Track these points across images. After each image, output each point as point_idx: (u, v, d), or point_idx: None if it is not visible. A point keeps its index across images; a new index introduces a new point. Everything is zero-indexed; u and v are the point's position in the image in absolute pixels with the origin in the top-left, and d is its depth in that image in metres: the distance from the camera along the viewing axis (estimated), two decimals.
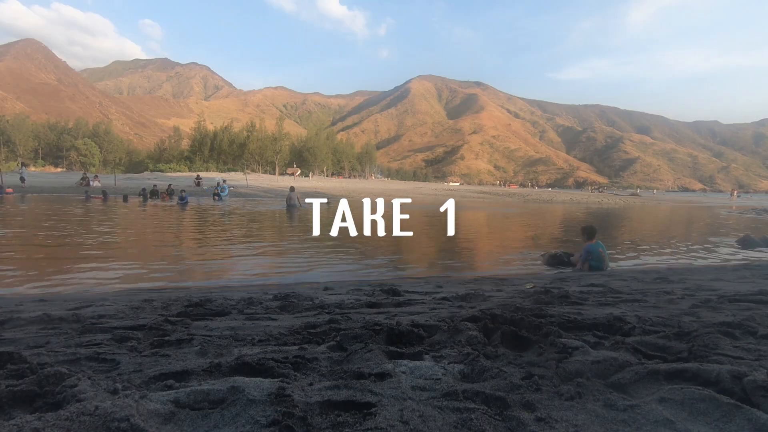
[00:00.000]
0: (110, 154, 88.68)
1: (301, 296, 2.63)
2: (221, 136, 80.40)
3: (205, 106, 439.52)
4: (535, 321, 1.47)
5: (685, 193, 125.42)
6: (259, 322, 1.80)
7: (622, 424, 0.77)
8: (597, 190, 77.69)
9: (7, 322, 1.77)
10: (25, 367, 1.00)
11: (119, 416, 0.72)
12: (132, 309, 2.21)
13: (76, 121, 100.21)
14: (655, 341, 1.34)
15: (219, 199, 24.61)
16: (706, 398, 0.82)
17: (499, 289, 3.11)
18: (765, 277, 4.07)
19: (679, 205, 33.86)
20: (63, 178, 34.14)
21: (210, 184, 31.63)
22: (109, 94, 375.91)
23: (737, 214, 20.51)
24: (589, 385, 0.92)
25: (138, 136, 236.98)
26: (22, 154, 76.05)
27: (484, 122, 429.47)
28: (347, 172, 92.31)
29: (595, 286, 3.14)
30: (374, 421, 0.75)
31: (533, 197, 43.75)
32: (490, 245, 9.44)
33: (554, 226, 14.91)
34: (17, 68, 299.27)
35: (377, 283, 3.52)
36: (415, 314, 1.91)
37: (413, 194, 34.33)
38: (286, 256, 6.13)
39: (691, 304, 2.17)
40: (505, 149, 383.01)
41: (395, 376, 0.99)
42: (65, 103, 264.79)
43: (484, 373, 1.03)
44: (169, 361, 1.18)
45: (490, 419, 0.77)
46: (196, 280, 4.75)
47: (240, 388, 0.87)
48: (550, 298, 2.16)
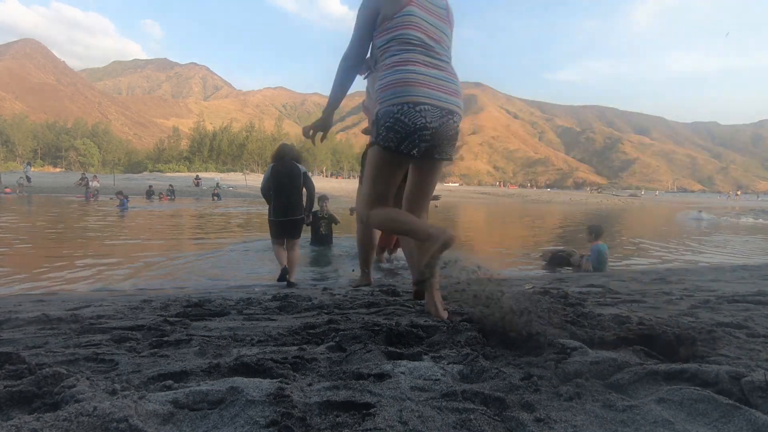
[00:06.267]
0: (109, 154, 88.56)
1: (300, 297, 2.62)
2: (220, 137, 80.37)
3: (205, 106, 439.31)
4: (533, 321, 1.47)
5: (684, 194, 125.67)
6: (258, 322, 1.79)
7: (621, 425, 0.77)
8: (596, 191, 77.82)
9: (6, 322, 1.77)
10: (24, 368, 1.00)
11: (118, 417, 0.72)
12: (131, 309, 2.21)
13: (75, 121, 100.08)
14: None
15: (218, 199, 24.58)
16: (705, 399, 0.83)
17: (498, 290, 3.11)
18: (763, 277, 4.08)
19: (676, 206, 33.96)
20: (62, 178, 34.11)
21: (209, 185, 31.63)
22: (108, 94, 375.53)
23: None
24: (588, 386, 0.93)
25: (137, 136, 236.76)
26: (21, 154, 75.91)
27: (484, 123, 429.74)
28: (346, 173, 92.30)
29: (594, 287, 3.14)
30: (373, 422, 0.75)
31: (532, 198, 43.82)
32: (490, 245, 9.45)
33: (554, 226, 14.94)
34: (16, 68, 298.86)
35: (377, 283, 3.52)
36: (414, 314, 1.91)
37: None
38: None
39: (690, 304, 2.17)
40: (504, 150, 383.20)
41: (394, 376, 0.99)
42: (64, 102, 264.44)
43: (483, 374, 1.03)
44: (168, 362, 1.18)
45: (489, 420, 0.77)
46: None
47: (239, 388, 0.87)
48: (550, 299, 2.16)
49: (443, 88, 1.70)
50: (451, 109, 1.71)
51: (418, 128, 1.62)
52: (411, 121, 1.61)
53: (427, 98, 1.64)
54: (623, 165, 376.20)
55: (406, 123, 1.61)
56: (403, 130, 1.62)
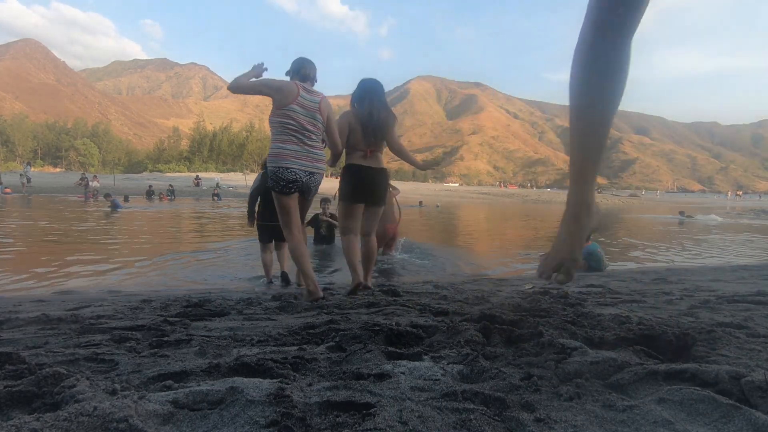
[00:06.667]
0: (109, 154, 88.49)
1: (300, 297, 2.63)
2: (220, 137, 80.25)
3: (205, 106, 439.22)
4: (533, 321, 1.47)
5: (685, 194, 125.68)
6: (258, 322, 1.79)
7: (621, 425, 0.77)
8: (596, 191, 78.00)
9: (6, 322, 1.77)
10: (24, 368, 1.00)
11: (118, 417, 0.72)
12: (131, 309, 2.21)
13: (75, 121, 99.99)
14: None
15: (218, 199, 24.57)
16: (705, 399, 0.83)
17: (498, 290, 3.12)
18: (763, 277, 4.08)
19: (675, 205, 33.96)
20: (62, 179, 34.11)
21: (209, 185, 31.64)
22: (108, 94, 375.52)
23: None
24: (588, 386, 0.92)
25: (137, 136, 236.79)
26: (21, 154, 75.87)
27: (484, 123, 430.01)
28: None
29: (594, 287, 3.14)
30: (373, 422, 0.75)
31: (532, 198, 43.80)
32: (489, 246, 9.45)
33: (554, 226, 14.93)
34: (16, 68, 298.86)
35: (376, 283, 3.52)
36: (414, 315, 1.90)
37: (412, 195, 34.32)
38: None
39: (690, 304, 2.17)
40: (504, 150, 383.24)
41: (394, 376, 0.99)
42: (64, 103, 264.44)
43: (483, 374, 1.03)
44: (168, 362, 1.18)
45: (489, 420, 0.77)
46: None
47: (239, 388, 0.87)
48: (549, 299, 2.16)
49: (307, 158, 2.83)
50: (311, 171, 2.86)
51: (290, 181, 2.79)
52: (284, 177, 2.77)
53: (294, 165, 2.78)
54: (623, 165, 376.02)
55: (282, 178, 2.77)
56: (281, 182, 2.79)
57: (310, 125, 2.79)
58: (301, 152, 2.78)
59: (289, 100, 2.72)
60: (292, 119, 2.73)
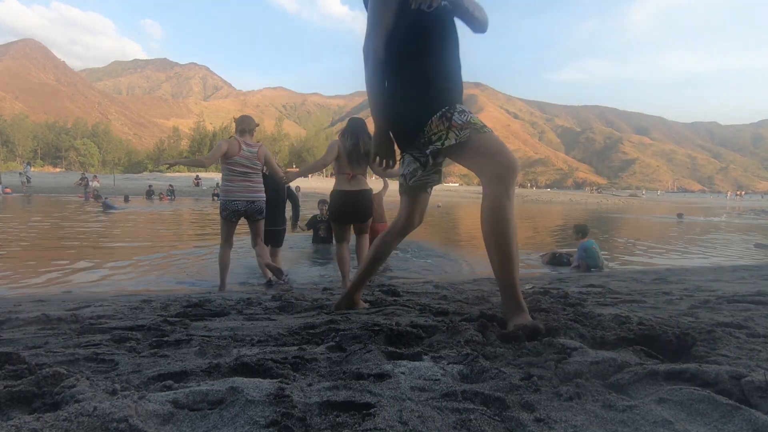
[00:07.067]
0: (109, 154, 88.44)
1: (300, 296, 2.62)
2: (220, 137, 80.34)
3: (204, 106, 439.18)
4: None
5: (685, 194, 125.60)
6: (258, 322, 1.79)
7: (621, 425, 0.77)
8: (596, 191, 77.96)
9: (6, 322, 1.77)
10: (24, 368, 1.00)
11: (118, 417, 0.72)
12: (131, 309, 2.20)
13: (75, 121, 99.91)
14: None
15: (218, 198, 24.56)
16: (705, 399, 0.82)
17: (498, 290, 3.11)
18: (763, 277, 4.08)
19: (675, 205, 33.94)
20: (62, 179, 34.11)
21: (209, 185, 31.62)
22: (108, 94, 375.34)
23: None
24: (588, 386, 0.92)
25: (137, 136, 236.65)
26: (21, 154, 75.82)
27: (484, 123, 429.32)
28: None
29: (594, 287, 3.14)
30: (373, 422, 0.75)
31: (532, 198, 43.77)
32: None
33: (554, 227, 14.93)
34: (16, 68, 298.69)
35: (376, 283, 3.52)
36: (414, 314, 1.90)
37: None
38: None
39: (690, 304, 2.17)
40: None
41: (394, 376, 0.99)
42: (64, 103, 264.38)
43: (483, 374, 1.03)
44: (168, 362, 1.18)
45: (489, 420, 0.77)
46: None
47: (239, 388, 0.87)
48: (550, 299, 2.16)
49: (249, 191, 3.98)
50: (252, 200, 3.99)
51: (233, 211, 3.95)
52: (229, 208, 3.93)
53: (239, 198, 3.93)
54: (623, 165, 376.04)
55: (227, 208, 3.94)
56: (226, 211, 3.96)
57: (249, 168, 3.96)
58: (245, 187, 3.95)
59: (233, 153, 3.88)
60: (237, 165, 3.90)
